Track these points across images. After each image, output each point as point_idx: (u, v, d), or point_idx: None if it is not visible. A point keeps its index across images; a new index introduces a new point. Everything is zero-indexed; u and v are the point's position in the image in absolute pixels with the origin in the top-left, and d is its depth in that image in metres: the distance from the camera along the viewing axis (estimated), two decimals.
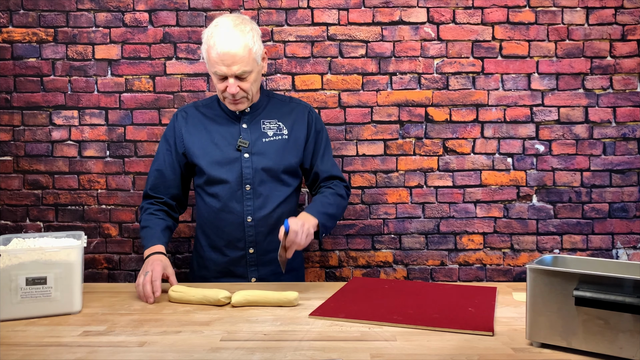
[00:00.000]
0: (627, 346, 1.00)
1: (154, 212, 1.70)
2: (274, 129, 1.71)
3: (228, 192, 1.67)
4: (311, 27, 2.16)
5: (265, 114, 1.73)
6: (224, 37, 1.54)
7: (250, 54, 1.56)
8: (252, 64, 1.58)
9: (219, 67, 1.55)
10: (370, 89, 2.17)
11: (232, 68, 1.55)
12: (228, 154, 1.67)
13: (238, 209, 1.67)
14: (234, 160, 1.67)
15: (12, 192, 2.19)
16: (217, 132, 1.70)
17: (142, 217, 1.71)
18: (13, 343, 1.16)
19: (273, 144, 1.69)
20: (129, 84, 2.18)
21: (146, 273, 1.47)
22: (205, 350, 1.11)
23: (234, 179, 1.66)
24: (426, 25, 2.16)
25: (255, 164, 1.67)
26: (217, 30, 1.55)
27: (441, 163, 2.19)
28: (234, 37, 1.54)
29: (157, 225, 1.66)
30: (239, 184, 1.67)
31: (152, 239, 1.62)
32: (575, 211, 2.19)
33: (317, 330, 1.22)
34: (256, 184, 1.67)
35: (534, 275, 1.09)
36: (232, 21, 1.57)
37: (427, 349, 1.11)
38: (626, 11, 2.15)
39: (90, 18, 2.16)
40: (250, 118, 1.71)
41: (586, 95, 2.17)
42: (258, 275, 1.70)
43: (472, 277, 2.21)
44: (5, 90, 2.17)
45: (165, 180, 1.72)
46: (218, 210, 1.68)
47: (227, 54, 1.53)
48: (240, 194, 1.67)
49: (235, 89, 1.58)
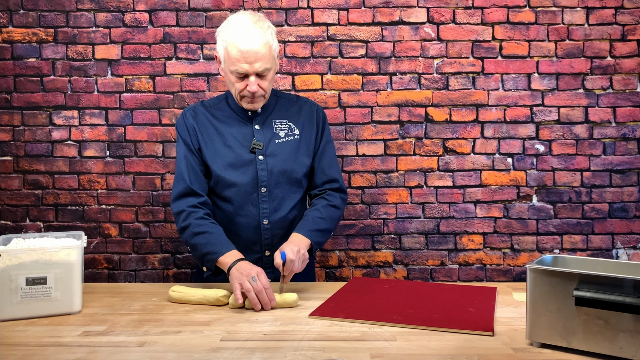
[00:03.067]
0: (627, 346, 1.00)
1: (204, 216, 1.58)
2: (285, 129, 1.68)
3: (243, 195, 1.62)
4: (311, 27, 2.16)
5: (275, 113, 1.70)
6: (246, 34, 1.51)
7: (271, 51, 1.55)
8: (272, 62, 1.57)
9: (240, 64, 1.52)
10: (370, 89, 2.17)
11: (254, 65, 1.52)
12: (242, 156, 1.62)
13: (254, 212, 1.63)
14: (248, 163, 1.62)
15: (12, 192, 2.19)
16: (229, 133, 1.65)
17: (191, 222, 1.56)
18: (13, 343, 1.16)
19: (286, 145, 1.66)
20: (129, 84, 2.18)
21: (253, 278, 1.38)
22: (205, 350, 1.11)
23: (249, 181, 1.62)
24: (426, 25, 2.16)
25: (270, 166, 1.63)
26: (237, 27, 1.52)
27: (441, 163, 2.19)
28: (255, 34, 1.51)
29: (218, 231, 1.56)
30: (255, 187, 1.62)
31: (224, 244, 1.52)
32: (575, 211, 2.19)
33: (317, 330, 1.22)
34: (272, 186, 1.63)
35: (534, 275, 1.09)
36: (250, 18, 1.54)
37: (427, 349, 1.11)
38: (626, 11, 2.15)
39: (90, 18, 2.16)
40: (262, 118, 1.67)
41: (586, 95, 2.17)
42: (274, 277, 1.66)
43: (472, 277, 2.21)
44: (5, 90, 2.17)
45: (199, 176, 1.63)
46: (232, 214, 1.64)
47: (249, 51, 1.50)
48: (255, 196, 1.63)
49: (256, 87, 1.55)
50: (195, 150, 1.64)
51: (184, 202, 1.59)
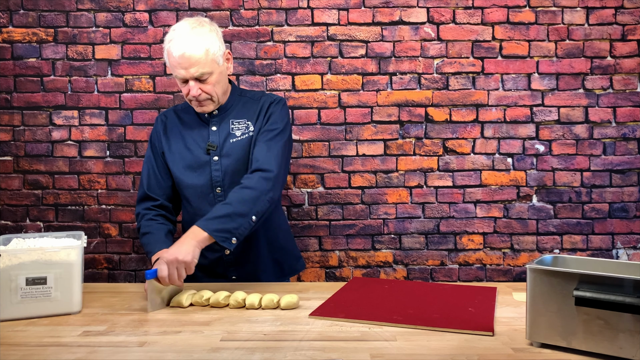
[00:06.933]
0: (627, 346, 1.00)
1: (153, 217, 1.68)
2: (242, 128, 1.68)
3: (200, 196, 1.66)
4: (311, 27, 2.16)
5: (235, 114, 1.70)
6: (181, 41, 1.54)
7: (208, 55, 1.55)
8: (212, 66, 1.57)
9: (177, 70, 1.56)
10: (370, 89, 2.17)
11: (190, 71, 1.55)
12: (199, 158, 1.66)
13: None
14: (204, 164, 1.66)
15: (12, 192, 2.19)
16: (190, 136, 1.69)
17: (141, 223, 1.68)
18: (13, 343, 1.16)
19: (239, 144, 1.66)
20: (129, 84, 2.18)
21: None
22: (205, 350, 1.11)
23: (205, 182, 1.65)
24: (426, 25, 2.16)
25: (225, 166, 1.65)
26: (174, 34, 1.56)
27: (441, 163, 2.19)
28: (190, 40, 1.54)
29: (159, 231, 1.64)
30: (210, 187, 1.66)
31: (158, 243, 1.59)
32: (575, 211, 2.19)
33: (317, 330, 1.22)
34: (226, 186, 1.64)
35: (534, 275, 1.09)
36: (189, 25, 1.57)
37: (427, 349, 1.11)
38: (626, 11, 2.15)
39: (90, 18, 2.16)
40: (219, 120, 1.69)
41: (586, 95, 2.17)
42: (237, 275, 1.71)
43: (472, 277, 2.21)
44: (5, 90, 2.17)
45: (158, 180, 1.71)
46: (192, 214, 1.68)
47: (183, 56, 1.53)
48: (212, 197, 1.66)
49: (196, 91, 1.57)
50: (159, 155, 1.71)
51: (140, 206, 1.71)
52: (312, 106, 2.17)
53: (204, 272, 1.71)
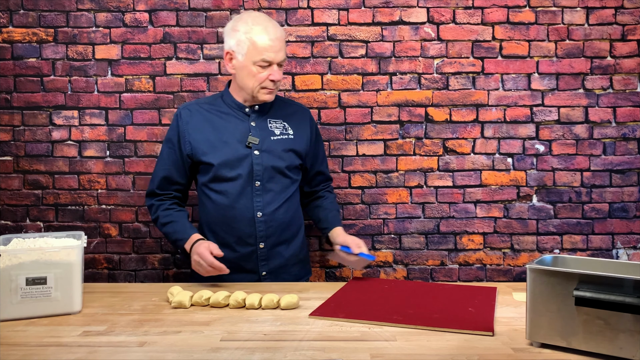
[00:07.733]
0: (627, 346, 1.00)
1: (170, 206, 1.75)
2: (280, 128, 1.78)
3: (238, 189, 1.71)
4: (311, 27, 2.16)
5: (271, 113, 1.79)
6: (271, 26, 1.64)
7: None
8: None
9: (267, 53, 1.63)
10: (370, 89, 2.17)
11: (279, 54, 1.65)
12: (238, 151, 1.71)
13: (248, 205, 1.71)
14: (244, 157, 1.71)
15: (12, 192, 2.19)
16: (226, 129, 1.74)
17: (159, 213, 1.74)
18: (13, 343, 1.16)
19: (280, 143, 1.75)
20: (129, 84, 2.18)
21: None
22: (205, 350, 1.11)
23: (245, 175, 1.70)
24: (426, 25, 2.16)
25: (265, 161, 1.71)
26: (259, 21, 1.65)
27: (441, 163, 2.19)
28: (277, 27, 1.66)
29: (182, 217, 1.73)
30: (249, 181, 1.71)
31: (186, 229, 1.69)
32: (575, 211, 2.19)
33: (317, 330, 1.22)
34: (265, 181, 1.72)
35: (534, 275, 1.09)
36: (262, 15, 1.70)
37: (427, 349, 1.11)
38: (626, 11, 2.15)
39: (90, 18, 2.16)
40: (258, 116, 1.77)
41: (586, 95, 2.17)
42: (268, 269, 1.75)
43: (472, 277, 2.21)
44: (5, 90, 2.17)
45: (171, 180, 1.77)
46: (227, 207, 1.71)
47: (277, 39, 1.64)
48: (250, 190, 1.71)
49: (280, 75, 1.67)
50: (178, 153, 1.75)
51: (151, 199, 1.78)
52: (312, 106, 2.17)
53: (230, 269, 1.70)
